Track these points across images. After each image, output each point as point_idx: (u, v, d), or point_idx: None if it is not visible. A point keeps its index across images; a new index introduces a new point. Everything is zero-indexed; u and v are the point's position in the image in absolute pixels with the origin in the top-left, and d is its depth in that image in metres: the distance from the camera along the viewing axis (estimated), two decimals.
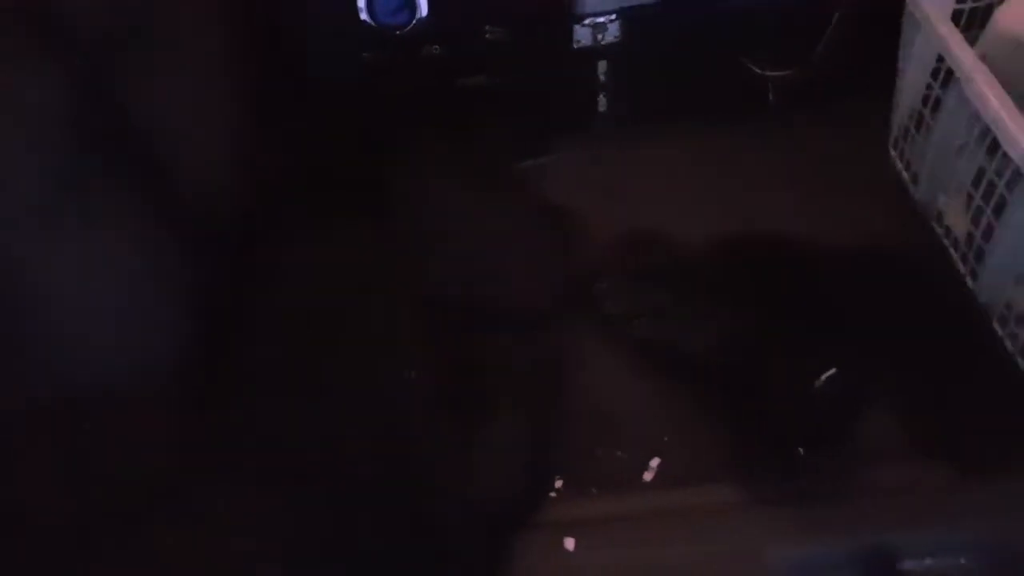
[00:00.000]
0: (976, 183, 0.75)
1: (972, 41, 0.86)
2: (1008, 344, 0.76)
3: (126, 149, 0.63)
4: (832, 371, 0.67)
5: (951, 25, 0.76)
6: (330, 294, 0.68)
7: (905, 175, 0.90)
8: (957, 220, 0.82)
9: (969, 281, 0.80)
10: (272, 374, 0.63)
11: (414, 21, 0.85)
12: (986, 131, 0.71)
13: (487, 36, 0.90)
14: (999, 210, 0.72)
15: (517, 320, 0.75)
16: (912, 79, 0.85)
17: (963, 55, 0.72)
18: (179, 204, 0.65)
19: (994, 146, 0.71)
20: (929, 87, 0.82)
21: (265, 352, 0.65)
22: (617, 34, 0.92)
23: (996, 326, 0.77)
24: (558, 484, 0.73)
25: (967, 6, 0.86)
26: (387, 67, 0.87)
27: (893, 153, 0.93)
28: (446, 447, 0.62)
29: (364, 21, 0.85)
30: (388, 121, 0.86)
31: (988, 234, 0.75)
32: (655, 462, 0.74)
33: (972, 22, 0.87)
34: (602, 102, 0.98)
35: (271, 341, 0.65)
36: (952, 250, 0.83)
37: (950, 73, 0.77)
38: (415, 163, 0.82)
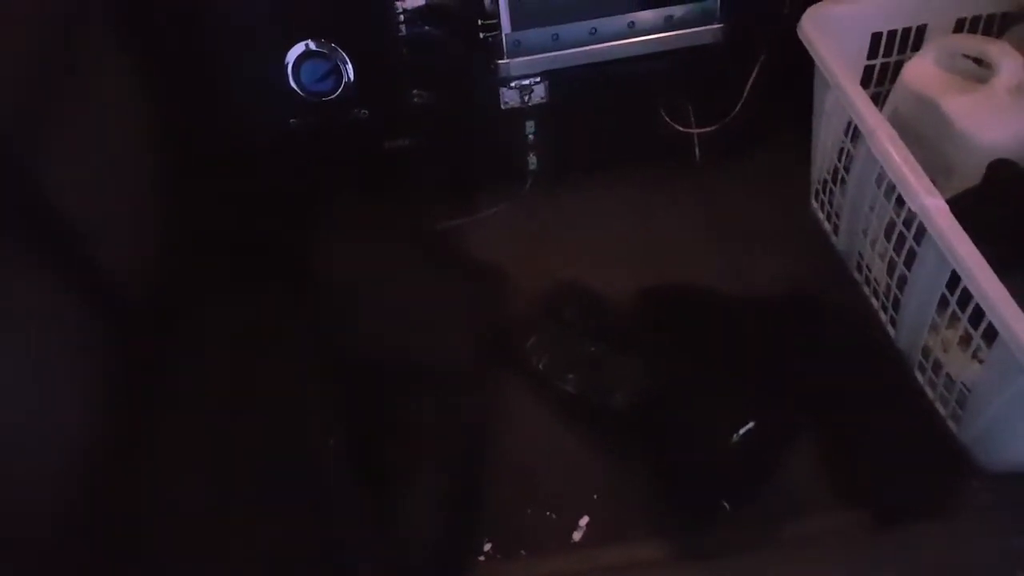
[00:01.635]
0: (888, 235, 0.77)
1: (887, 95, 0.90)
2: (928, 391, 0.77)
3: (38, 225, 0.62)
4: (750, 425, 0.68)
5: (856, 83, 0.79)
6: (245, 361, 0.67)
7: (827, 226, 0.93)
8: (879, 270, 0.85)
9: (890, 329, 0.82)
10: (182, 448, 0.62)
11: (341, 87, 0.87)
12: (893, 185, 0.74)
13: (415, 100, 0.91)
14: (910, 261, 0.75)
15: (442, 381, 0.75)
16: (826, 135, 0.88)
17: (866, 112, 0.74)
18: (92, 279, 0.64)
19: (901, 199, 0.73)
20: (843, 142, 0.85)
21: (175, 425, 0.64)
22: (543, 95, 0.95)
23: (917, 373, 0.79)
24: (487, 548, 0.72)
25: (878, 62, 0.90)
26: (314, 132, 0.89)
27: (815, 205, 0.96)
28: (365, 517, 0.61)
29: (292, 89, 0.87)
30: (313, 185, 0.87)
31: (902, 284, 0.77)
32: (584, 521, 0.74)
33: (884, 77, 0.91)
34: (530, 160, 1.00)
35: (182, 412, 0.64)
36: (873, 299, 0.85)
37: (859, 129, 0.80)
38: (338, 226, 0.82)
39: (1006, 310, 0.60)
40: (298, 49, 0.86)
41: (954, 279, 0.67)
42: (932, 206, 0.66)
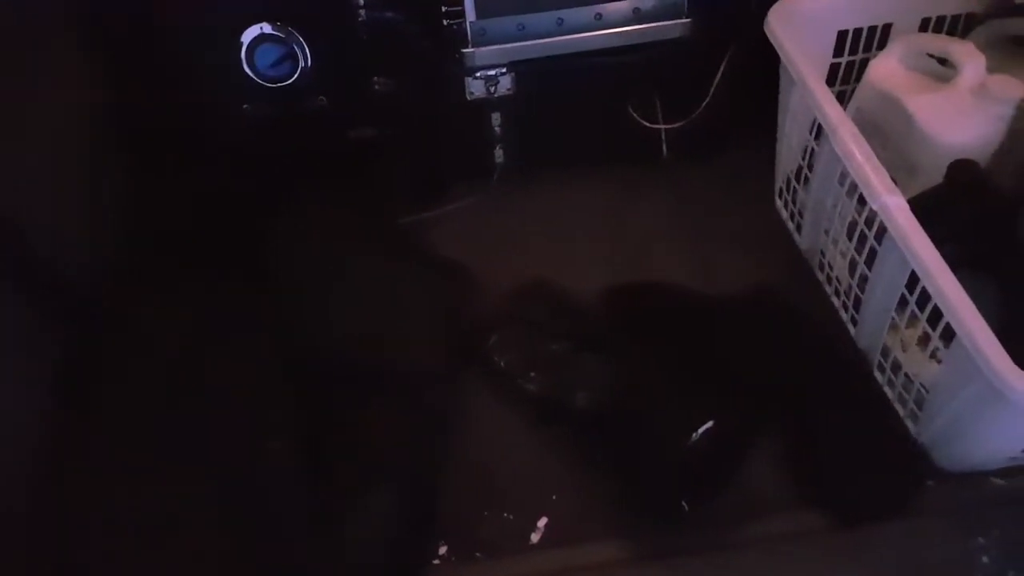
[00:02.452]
0: (850, 234, 0.77)
1: (853, 93, 0.90)
2: (887, 391, 0.77)
3: None
4: (708, 424, 0.67)
5: (820, 80, 0.78)
6: (195, 362, 0.65)
7: (790, 224, 0.93)
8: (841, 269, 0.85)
9: (850, 328, 0.82)
10: (128, 450, 0.60)
11: (297, 73, 0.85)
12: (855, 184, 0.73)
13: (376, 88, 0.89)
14: (871, 260, 0.74)
15: (401, 381, 0.73)
16: (791, 133, 0.87)
17: (829, 110, 0.74)
18: (39, 275, 0.61)
19: (863, 198, 0.73)
20: (808, 140, 0.85)
21: (121, 427, 0.61)
22: (510, 86, 0.93)
23: (876, 373, 0.78)
24: (442, 551, 0.70)
25: (844, 60, 0.90)
26: (272, 120, 0.86)
27: (779, 203, 0.95)
28: (314, 522, 0.59)
29: (247, 74, 0.85)
30: (271, 177, 0.84)
31: (863, 283, 0.77)
32: (542, 522, 0.72)
33: (850, 75, 0.91)
34: (497, 153, 0.98)
35: (129, 414, 0.62)
36: (834, 298, 0.85)
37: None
38: (296, 220, 0.79)
39: (963, 311, 0.60)
40: (252, 32, 0.83)
41: (914, 279, 0.67)
42: (892, 205, 0.66)
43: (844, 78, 0.91)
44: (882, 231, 0.70)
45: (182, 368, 0.65)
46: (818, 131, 0.80)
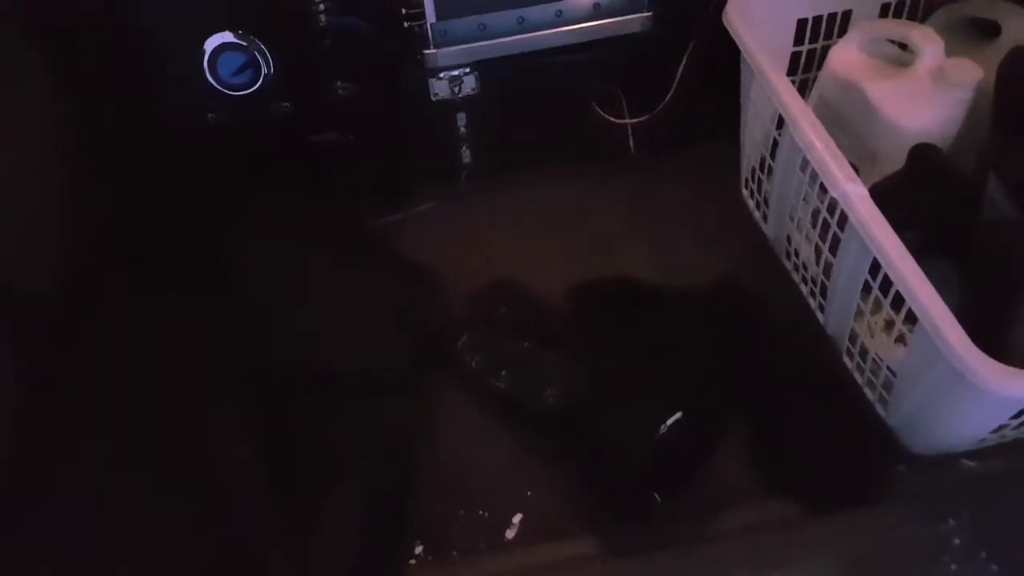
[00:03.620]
0: (814, 222, 0.77)
1: (814, 81, 0.90)
2: (856, 377, 0.77)
3: None
4: (677, 415, 0.67)
5: (779, 70, 0.78)
6: (155, 369, 0.64)
7: (757, 214, 0.93)
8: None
9: (819, 315, 0.82)
10: (84, 460, 0.59)
11: (260, 80, 0.84)
12: (816, 172, 0.73)
13: (340, 92, 0.89)
14: (835, 247, 0.75)
15: (370, 383, 0.73)
16: (753, 124, 0.87)
17: (788, 99, 0.74)
18: None
19: (825, 186, 0.73)
20: (770, 130, 0.85)
21: (79, 435, 0.60)
22: (474, 86, 0.93)
23: (845, 359, 0.79)
24: (417, 550, 0.70)
25: (804, 48, 0.90)
26: (235, 127, 0.85)
27: (745, 193, 0.96)
28: (283, 530, 0.59)
29: (209, 82, 0.84)
30: (234, 182, 0.84)
31: (828, 270, 0.77)
32: (517, 519, 0.72)
33: (811, 63, 0.92)
34: (463, 154, 0.98)
35: (85, 422, 0.61)
36: (802, 285, 0.85)
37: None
38: (261, 225, 0.79)
39: (924, 296, 0.61)
40: (214, 41, 0.83)
41: (877, 265, 0.67)
42: (852, 192, 0.66)
43: (806, 66, 0.92)
44: (844, 219, 0.70)
45: (142, 374, 0.65)
46: (780, 121, 0.80)
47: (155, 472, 0.60)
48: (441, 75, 0.91)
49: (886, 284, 0.67)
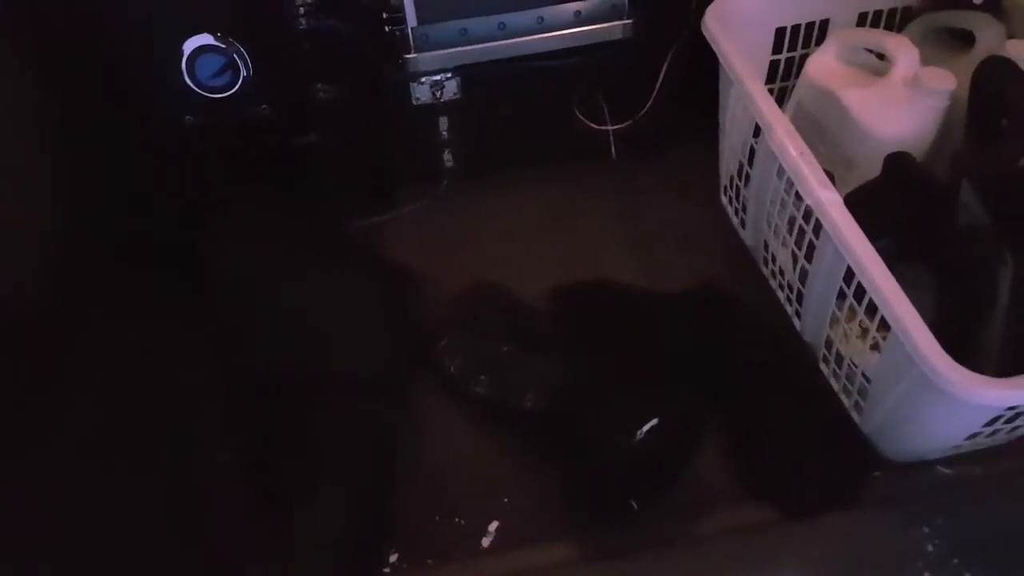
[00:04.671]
0: (790, 229, 0.78)
1: (792, 89, 0.91)
2: (833, 383, 0.78)
3: None
4: (654, 421, 0.67)
5: (755, 78, 0.78)
6: (136, 371, 0.64)
7: (735, 220, 0.93)
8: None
9: (796, 321, 0.83)
10: (65, 464, 0.59)
11: (239, 83, 0.84)
12: (792, 180, 0.74)
13: (320, 95, 0.89)
14: (810, 254, 0.75)
15: (348, 387, 0.72)
16: (731, 131, 0.88)
17: (764, 107, 0.74)
18: None
19: (800, 194, 0.74)
20: (748, 137, 0.85)
21: (60, 439, 0.60)
22: (456, 90, 0.93)
23: (821, 365, 0.79)
24: (392, 558, 0.70)
25: (783, 56, 0.91)
26: (214, 130, 0.85)
27: (724, 199, 0.96)
28: (260, 535, 0.59)
29: (188, 85, 0.84)
30: (215, 186, 0.83)
31: (804, 277, 0.77)
32: (493, 526, 0.72)
33: (790, 72, 0.92)
34: (446, 158, 0.98)
35: (63, 427, 0.61)
36: (780, 292, 0.85)
37: None
38: (242, 228, 0.78)
39: (896, 303, 0.61)
40: (193, 43, 0.82)
41: (851, 272, 0.67)
42: (826, 199, 0.67)
43: (784, 74, 0.92)
44: (819, 226, 0.71)
45: (123, 378, 0.65)
46: (757, 129, 0.80)
47: (132, 477, 0.59)
48: (423, 79, 0.91)
49: (860, 291, 0.67)
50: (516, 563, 0.70)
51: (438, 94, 0.93)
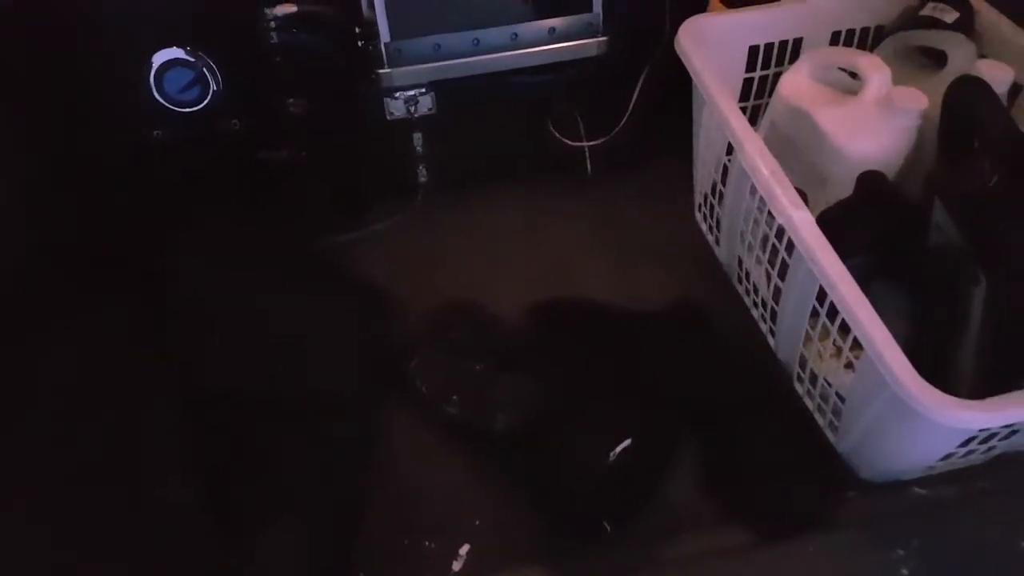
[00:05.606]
0: (764, 247, 0.78)
1: (766, 107, 0.91)
2: (807, 402, 0.77)
3: None
4: (627, 442, 0.66)
5: (728, 96, 0.78)
6: (91, 390, 0.62)
7: (710, 238, 0.93)
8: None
9: (770, 340, 0.82)
10: (16, 488, 0.57)
11: (209, 97, 0.83)
12: (764, 199, 0.74)
13: (291, 109, 0.88)
14: (783, 273, 0.75)
15: (316, 409, 0.71)
16: (705, 148, 0.88)
17: (736, 125, 0.74)
18: None
19: (772, 213, 0.74)
20: (721, 155, 0.85)
21: (11, 464, 0.58)
22: (430, 106, 0.92)
23: (796, 384, 0.79)
24: None
25: (756, 75, 0.91)
26: (183, 144, 0.84)
27: (698, 216, 0.96)
28: (220, 562, 0.57)
29: (157, 99, 0.82)
30: (183, 199, 0.82)
31: (778, 295, 0.77)
32: (464, 549, 0.71)
33: (764, 90, 0.92)
34: (420, 173, 0.97)
35: (19, 448, 0.59)
36: (754, 310, 0.85)
37: None
38: (207, 244, 0.77)
39: (868, 323, 0.60)
40: (162, 57, 0.81)
41: (824, 291, 0.67)
42: (797, 218, 0.66)
43: (758, 93, 0.92)
44: (792, 245, 0.70)
45: (78, 400, 0.63)
46: (730, 147, 0.80)
47: (89, 503, 0.57)
48: (397, 95, 0.91)
49: (833, 310, 0.67)
50: None
51: (412, 109, 0.92)
